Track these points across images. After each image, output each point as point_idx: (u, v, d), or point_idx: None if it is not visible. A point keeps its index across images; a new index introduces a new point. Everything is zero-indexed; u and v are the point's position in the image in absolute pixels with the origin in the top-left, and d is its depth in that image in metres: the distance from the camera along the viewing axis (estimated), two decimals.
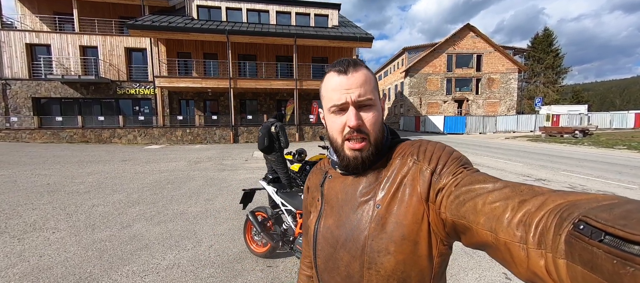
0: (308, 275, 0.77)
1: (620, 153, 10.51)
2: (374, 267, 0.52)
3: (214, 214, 3.97)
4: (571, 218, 0.29)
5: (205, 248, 2.92)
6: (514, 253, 0.35)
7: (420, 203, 0.51)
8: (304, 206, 0.75)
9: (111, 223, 3.63)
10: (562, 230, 0.29)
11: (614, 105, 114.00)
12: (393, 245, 0.51)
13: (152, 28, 14.24)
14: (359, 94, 0.55)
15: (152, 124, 16.00)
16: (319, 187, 0.68)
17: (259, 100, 18.52)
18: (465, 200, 0.43)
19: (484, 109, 28.20)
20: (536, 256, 0.32)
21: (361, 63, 0.58)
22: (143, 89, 16.87)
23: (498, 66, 27.88)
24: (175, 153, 11.01)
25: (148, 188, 5.42)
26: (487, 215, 0.39)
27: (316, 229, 0.63)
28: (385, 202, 0.54)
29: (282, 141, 4.07)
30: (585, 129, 16.64)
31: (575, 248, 0.27)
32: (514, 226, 0.35)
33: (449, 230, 0.48)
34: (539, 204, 0.34)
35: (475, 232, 0.41)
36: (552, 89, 36.56)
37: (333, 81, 0.57)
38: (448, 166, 0.51)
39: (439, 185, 0.49)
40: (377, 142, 0.57)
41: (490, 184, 0.42)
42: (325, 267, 0.60)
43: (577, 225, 0.27)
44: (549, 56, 36.89)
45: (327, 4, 18.82)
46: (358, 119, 0.55)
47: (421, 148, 0.56)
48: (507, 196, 0.39)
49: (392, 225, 0.52)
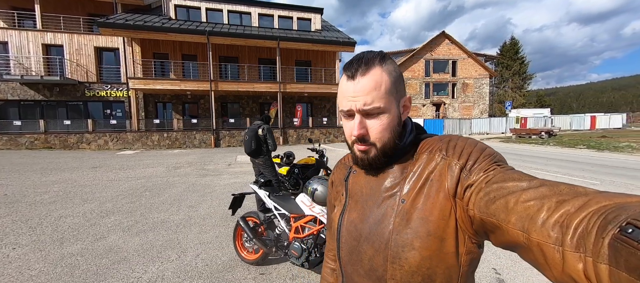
0: (332, 268, 0.78)
1: (581, 152, 11.47)
2: (397, 261, 0.52)
3: (198, 221, 3.76)
4: (618, 220, 0.27)
5: (191, 258, 2.75)
6: (548, 256, 0.33)
7: (447, 199, 0.50)
8: (328, 201, 0.76)
9: (82, 235, 3.32)
10: (606, 233, 0.27)
11: (572, 108, 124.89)
12: (418, 241, 0.50)
13: (126, 27, 13.48)
14: (364, 102, 0.53)
15: (126, 129, 15.05)
16: (343, 182, 0.68)
17: (241, 103, 18.10)
18: (496, 198, 0.41)
19: (459, 112, 29.63)
20: (573, 259, 0.30)
21: (374, 62, 0.54)
22: (115, 91, 15.87)
23: (472, 71, 29.50)
24: (152, 159, 10.42)
25: (123, 196, 5.05)
26: (520, 214, 0.37)
27: (340, 223, 0.63)
28: (411, 197, 0.53)
29: (270, 144, 3.97)
30: (549, 131, 18.00)
31: (621, 253, 0.25)
32: (549, 226, 0.33)
33: (477, 227, 0.46)
34: (579, 205, 0.33)
35: (505, 231, 0.39)
36: (519, 94, 39.25)
37: (342, 86, 0.56)
38: (479, 163, 0.49)
39: (469, 181, 0.47)
40: (385, 148, 0.56)
41: (526, 182, 0.41)
42: (349, 259, 0.60)
43: (625, 229, 0.26)
44: (516, 63, 39.65)
45: (310, 8, 18.93)
46: (361, 129, 0.55)
47: (451, 143, 0.54)
48: (543, 196, 0.37)
49: (417, 221, 0.51)
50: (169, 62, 16.51)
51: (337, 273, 0.68)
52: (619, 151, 11.01)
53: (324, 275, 0.80)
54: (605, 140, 14.26)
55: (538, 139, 17.04)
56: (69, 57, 15.26)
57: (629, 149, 11.03)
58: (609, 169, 7.35)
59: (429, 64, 28.98)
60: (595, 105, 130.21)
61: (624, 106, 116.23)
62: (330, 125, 18.14)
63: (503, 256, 2.74)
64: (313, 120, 17.90)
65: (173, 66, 16.67)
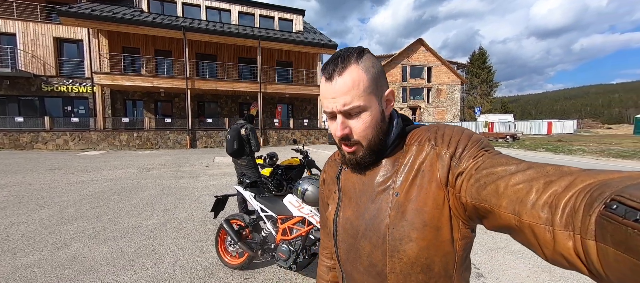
0: (328, 266, 0.77)
1: (541, 154, 12.55)
2: (396, 254, 0.52)
3: (175, 226, 3.54)
4: (602, 197, 0.28)
5: (168, 265, 2.57)
6: (539, 236, 0.34)
7: (439, 188, 0.50)
8: (321, 199, 0.74)
9: (40, 244, 2.97)
10: (593, 211, 0.28)
11: (531, 115, 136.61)
12: (415, 232, 0.50)
13: (92, 18, 12.44)
14: (344, 103, 0.52)
15: (90, 127, 13.84)
16: (335, 179, 0.67)
17: (220, 102, 17.50)
18: (487, 183, 0.42)
19: (434, 117, 31.11)
20: (563, 238, 0.31)
21: (351, 60, 0.52)
22: (77, 86, 14.58)
23: (445, 78, 31.16)
24: (121, 160, 9.68)
25: (88, 201, 4.63)
26: (510, 198, 0.38)
27: (335, 221, 0.63)
28: (404, 189, 0.53)
29: (253, 145, 3.85)
30: (514, 135, 19.49)
31: (606, 228, 0.26)
32: (539, 207, 0.34)
33: (470, 213, 0.47)
34: (566, 184, 0.33)
35: (497, 215, 0.40)
36: (486, 100, 42.16)
37: (322, 88, 0.56)
38: (468, 149, 0.49)
39: (459, 168, 0.48)
40: (371, 145, 0.56)
41: (514, 166, 0.41)
42: (348, 257, 0.60)
43: (610, 205, 0.26)
44: (484, 71, 42.60)
45: (291, 8, 18.84)
46: (344, 130, 0.54)
47: (438, 132, 0.54)
48: (532, 178, 0.37)
49: (412, 212, 0.51)
50: (140, 57, 15.50)
51: (338, 272, 0.67)
52: (572, 153, 12.19)
53: (320, 274, 0.79)
54: (560, 144, 15.72)
55: (504, 142, 18.38)
56: (22, 48, 13.77)
57: (580, 152, 12.26)
58: None
59: (406, 69, 30.14)
60: (551, 112, 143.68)
61: (574, 114, 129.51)
62: (311, 127, 18.12)
63: (481, 251, 2.89)
64: (294, 121, 17.76)
65: (145, 62, 15.69)
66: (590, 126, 49.89)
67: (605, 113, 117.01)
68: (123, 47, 15.32)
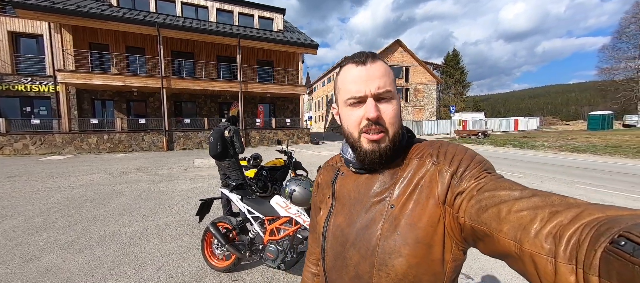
0: (313, 273, 0.75)
1: (508, 150, 13.52)
2: (384, 269, 0.50)
3: (156, 232, 3.44)
4: (610, 233, 0.27)
5: (152, 271, 2.51)
6: (540, 267, 0.33)
7: (436, 206, 0.49)
8: (313, 203, 0.73)
9: (5, 257, 2.77)
10: (599, 245, 0.27)
11: (500, 113, 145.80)
12: (406, 248, 0.49)
13: (54, 11, 11.49)
14: (378, 86, 0.53)
15: (53, 130, 12.81)
16: (331, 184, 0.65)
17: (198, 102, 16.92)
18: (488, 206, 0.41)
19: (412, 115, 32.26)
20: (566, 271, 0.30)
21: (379, 56, 0.56)
22: (38, 85, 13.42)
23: (422, 78, 32.40)
24: (90, 164, 9.08)
25: (57, 209, 4.34)
26: (512, 224, 0.37)
27: (325, 226, 0.61)
28: (400, 203, 0.52)
29: (237, 146, 3.83)
30: (485, 132, 20.78)
31: (613, 265, 0.25)
32: (543, 237, 0.33)
33: (466, 235, 0.46)
34: (572, 216, 0.32)
35: (496, 240, 0.39)
36: (460, 99, 44.44)
37: (351, 73, 0.54)
38: (470, 170, 0.49)
39: (460, 188, 0.47)
40: (395, 137, 0.55)
41: (518, 191, 0.40)
42: (334, 265, 0.58)
43: (617, 241, 0.26)
44: (457, 71, 44.85)
45: (272, 7, 18.63)
46: (377, 111, 0.52)
47: (441, 149, 0.54)
48: (536, 206, 0.36)
49: (406, 227, 0.50)
50: (109, 54, 14.57)
51: (321, 279, 0.65)
52: (536, 149, 13.27)
53: (304, 280, 0.77)
54: (525, 140, 17.01)
55: (476, 139, 19.54)
56: None
57: (542, 148, 13.38)
58: (529, 164, 8.82)
59: None
60: (517, 110, 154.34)
61: (537, 111, 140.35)
62: (293, 126, 18.08)
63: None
64: (276, 121, 17.63)
65: (115, 60, 14.78)
66: (551, 122, 54.41)
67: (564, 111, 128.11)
68: (90, 43, 14.32)
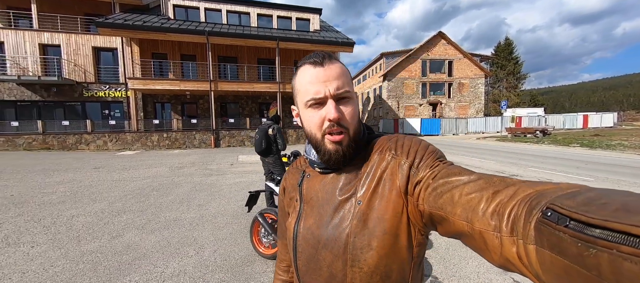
0: (284, 280, 0.75)
1: (575, 150, 11.77)
2: (357, 264, 0.52)
3: (210, 219, 3.86)
4: (539, 206, 0.31)
5: (209, 253, 2.85)
6: (489, 242, 0.36)
7: (399, 196, 0.52)
8: (280, 208, 0.72)
9: (98, 233, 3.39)
10: (532, 218, 0.31)
11: (564, 108, 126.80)
12: (375, 241, 0.51)
13: (126, 27, 13.43)
14: (337, 86, 0.54)
15: (125, 129, 15.00)
16: (297, 187, 0.65)
17: (241, 103, 18.14)
18: (443, 192, 0.44)
19: (456, 112, 29.99)
20: (509, 243, 0.33)
21: (335, 57, 0.57)
22: (114, 91, 15.80)
23: (467, 71, 29.88)
24: (154, 159, 10.43)
25: (132, 196, 5.11)
26: (464, 206, 0.40)
27: (296, 230, 0.61)
28: (366, 198, 0.53)
29: (280, 144, 4.07)
30: (544, 130, 18.36)
31: (543, 234, 0.29)
32: (489, 216, 0.37)
33: (426, 220, 0.49)
34: (510, 194, 0.36)
35: (451, 222, 0.42)
36: (513, 94, 39.84)
37: (308, 74, 0.55)
38: (425, 160, 0.52)
39: (417, 177, 0.50)
40: (355, 135, 0.57)
41: (466, 176, 0.44)
42: (307, 269, 0.58)
43: (545, 212, 0.29)
44: (510, 63, 40.25)
45: (308, 8, 19.03)
46: (338, 112, 0.54)
47: (398, 142, 0.57)
48: (482, 188, 0.40)
49: (373, 221, 0.52)
50: (167, 62, 16.47)
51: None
52: (611, 149, 11.32)
53: None
54: (597, 139, 14.62)
55: (533, 138, 17.38)
56: (66, 57, 15.15)
57: (620, 148, 11.36)
58: (602, 167, 7.60)
59: (426, 64, 29.27)
60: (587, 104, 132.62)
61: (614, 105, 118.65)
62: None
63: None
64: None
65: (172, 66, 16.64)
66: (633, 118, 45.51)
67: None
68: (152, 53, 16.37)
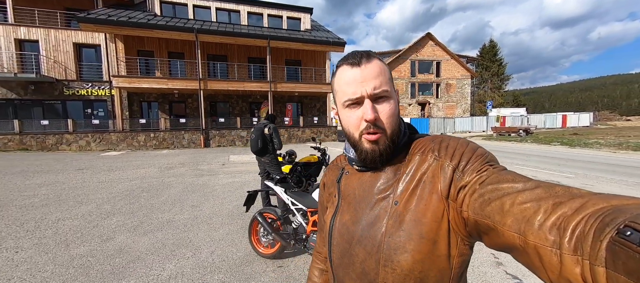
0: (321, 269, 0.77)
1: (556, 148, 12.34)
2: (390, 264, 0.51)
3: (205, 220, 3.79)
4: (615, 223, 0.27)
5: (206, 254, 2.80)
6: (545, 258, 0.33)
7: (440, 200, 0.49)
8: (320, 202, 0.74)
9: (87, 237, 3.26)
10: (604, 236, 0.27)
11: (545, 108, 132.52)
12: (411, 244, 0.49)
13: (110, 23, 12.92)
14: (374, 86, 0.53)
15: (109, 129, 14.44)
16: (336, 183, 0.66)
17: (231, 102, 17.86)
18: (491, 199, 0.41)
19: (443, 112, 30.73)
20: (571, 262, 0.30)
21: (374, 54, 0.56)
22: (97, 89, 15.18)
23: (454, 72, 30.67)
24: (141, 160, 10.12)
25: (121, 198, 4.95)
26: (516, 216, 0.37)
27: (332, 225, 0.62)
28: (404, 199, 0.52)
29: (276, 143, 4.05)
30: (527, 129, 19.12)
31: (619, 256, 0.25)
32: (547, 229, 0.33)
33: (470, 229, 0.46)
34: (576, 207, 0.32)
35: (500, 233, 0.39)
36: (497, 94, 41.19)
37: (346, 75, 0.55)
38: (472, 163, 0.49)
39: (462, 182, 0.47)
40: (393, 135, 0.55)
41: (521, 184, 0.40)
42: (340, 262, 0.59)
43: (623, 231, 0.25)
44: (495, 64, 41.57)
45: (299, 7, 18.95)
46: (374, 112, 0.53)
47: (443, 144, 0.54)
48: (540, 197, 0.36)
49: (410, 223, 0.50)
50: (154, 60, 15.98)
51: (330, 277, 0.66)
52: (589, 147, 11.94)
53: (310, 276, 0.78)
54: (576, 137, 15.37)
55: (517, 137, 18.07)
56: (45, 54, 14.42)
57: (597, 146, 12.00)
58: (581, 164, 8.00)
59: (415, 64, 29.82)
60: (565, 105, 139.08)
61: (590, 106, 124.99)
62: (320, 124, 18.29)
63: None
64: (304, 119, 17.97)
65: (159, 64, 16.17)
66: (607, 118, 48.17)
67: (624, 105, 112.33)
68: (138, 50, 15.83)
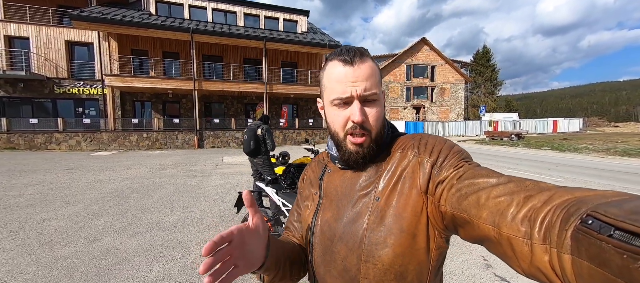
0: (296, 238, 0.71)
1: (546, 153, 12.56)
2: (371, 260, 0.51)
3: (195, 222, 3.74)
4: (578, 213, 0.28)
5: (195, 256, 2.76)
6: (517, 249, 0.34)
7: (419, 195, 0.51)
8: (299, 193, 0.72)
9: (73, 238, 3.19)
10: (569, 225, 0.29)
11: (536, 113, 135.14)
12: (391, 238, 0.50)
13: (103, 21, 12.75)
14: (365, 87, 0.52)
15: (101, 128, 14.19)
16: (318, 180, 0.66)
17: (226, 103, 17.75)
18: (468, 194, 0.42)
19: (438, 116, 31.06)
20: (540, 251, 0.31)
21: (367, 53, 0.55)
22: (89, 88, 14.93)
23: (449, 77, 31.08)
24: (133, 160, 9.95)
25: (110, 198, 4.85)
26: (491, 209, 0.38)
27: (314, 223, 0.61)
28: (385, 195, 0.53)
29: (269, 144, 4.04)
30: (519, 133, 19.43)
31: (582, 243, 0.27)
32: (519, 221, 0.35)
33: (447, 223, 0.47)
34: (545, 199, 0.34)
35: (476, 226, 0.40)
36: (491, 99, 41.90)
37: (337, 71, 0.54)
38: (449, 159, 0.50)
39: (440, 177, 0.49)
40: (378, 138, 0.56)
41: (494, 178, 0.42)
42: (322, 260, 0.59)
43: (585, 220, 0.27)
44: (488, 70, 42.34)
45: (296, 10, 19.01)
46: (362, 115, 0.53)
47: (422, 141, 0.56)
48: (512, 191, 0.38)
49: (391, 218, 0.51)
50: (148, 59, 15.81)
51: (309, 277, 0.66)
52: (578, 152, 12.19)
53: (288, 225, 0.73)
54: (566, 142, 15.69)
55: (509, 141, 18.35)
56: (35, 51, 14.14)
57: (586, 151, 12.25)
58: (570, 168, 8.16)
59: (410, 68, 30.13)
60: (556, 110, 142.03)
61: (580, 112, 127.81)
62: (316, 126, 18.30)
63: None
64: (299, 121, 17.96)
65: (153, 64, 15.99)
66: (596, 124, 49.36)
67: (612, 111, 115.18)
68: (132, 49, 15.64)
